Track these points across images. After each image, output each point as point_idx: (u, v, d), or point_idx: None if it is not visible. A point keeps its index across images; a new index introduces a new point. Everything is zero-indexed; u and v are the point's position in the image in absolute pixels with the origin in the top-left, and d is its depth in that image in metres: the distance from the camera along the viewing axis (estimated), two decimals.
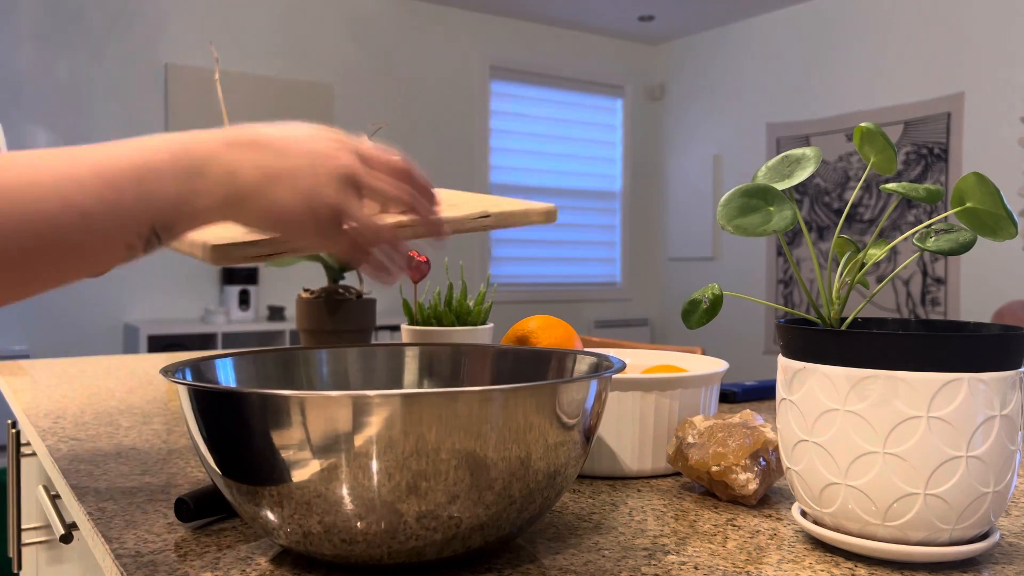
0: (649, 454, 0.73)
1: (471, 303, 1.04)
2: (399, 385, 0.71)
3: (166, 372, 0.55)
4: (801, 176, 0.57)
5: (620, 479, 0.73)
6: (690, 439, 0.68)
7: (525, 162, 5.23)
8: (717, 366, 0.81)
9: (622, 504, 0.65)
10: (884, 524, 0.51)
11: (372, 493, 0.46)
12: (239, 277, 4.04)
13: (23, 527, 1.16)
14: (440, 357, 0.72)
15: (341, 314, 1.14)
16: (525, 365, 0.69)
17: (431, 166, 4.82)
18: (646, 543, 0.56)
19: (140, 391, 1.19)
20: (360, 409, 0.45)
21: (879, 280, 4.49)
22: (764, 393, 1.15)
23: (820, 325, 0.56)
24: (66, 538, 0.78)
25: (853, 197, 0.61)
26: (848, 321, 0.57)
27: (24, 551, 1.30)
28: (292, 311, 4.31)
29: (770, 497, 0.67)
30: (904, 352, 0.49)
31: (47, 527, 1.10)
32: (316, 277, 4.32)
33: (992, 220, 0.52)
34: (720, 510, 0.64)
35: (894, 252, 4.30)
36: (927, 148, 4.24)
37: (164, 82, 4.01)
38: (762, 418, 0.72)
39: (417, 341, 0.94)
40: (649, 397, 0.73)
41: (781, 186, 0.57)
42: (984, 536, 0.53)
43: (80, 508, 0.64)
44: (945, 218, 0.56)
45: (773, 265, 4.98)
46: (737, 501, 0.66)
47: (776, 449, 0.66)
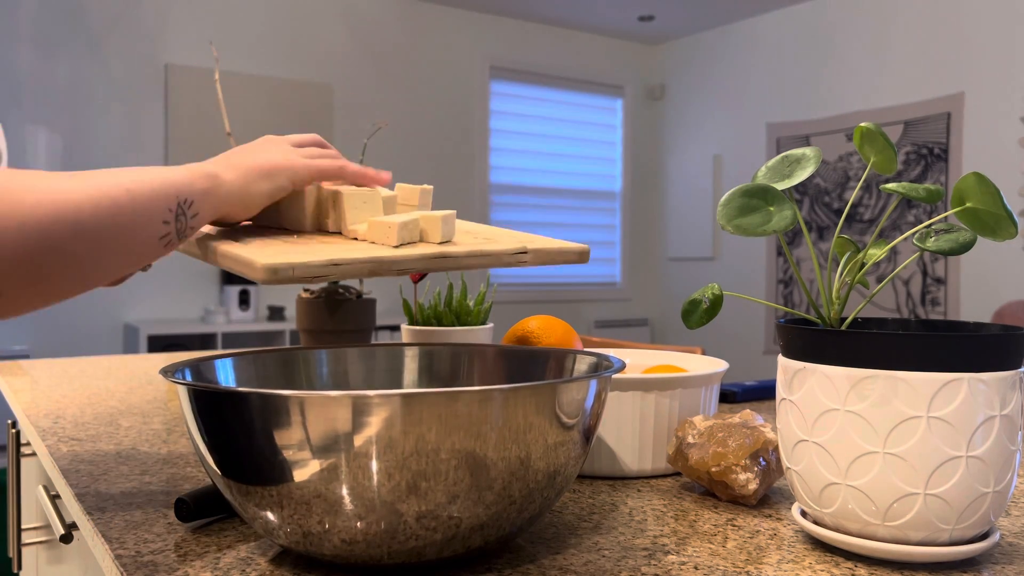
0: (649, 454, 0.73)
1: (471, 303, 1.04)
2: (399, 385, 0.71)
3: (166, 372, 0.55)
4: (801, 176, 0.57)
5: (620, 479, 0.73)
6: (690, 439, 0.68)
7: (525, 162, 5.23)
8: (717, 366, 0.81)
9: (622, 504, 0.65)
10: (884, 524, 0.51)
11: (372, 493, 0.46)
12: (239, 277, 4.03)
13: (23, 527, 1.16)
14: (440, 357, 0.72)
15: (341, 314, 1.14)
16: (525, 365, 0.69)
17: (431, 166, 4.82)
18: (646, 543, 0.56)
19: (140, 391, 1.19)
20: (360, 409, 0.45)
21: (879, 280, 4.49)
22: (764, 393, 1.15)
23: (820, 325, 0.56)
24: (66, 538, 0.78)
25: (853, 197, 0.61)
26: (848, 321, 0.57)
27: (24, 551, 1.30)
28: (292, 311, 4.30)
29: (770, 497, 0.67)
30: (904, 352, 0.49)
31: (47, 527, 1.10)
32: None
33: (992, 220, 0.52)
34: (720, 510, 0.64)
35: (894, 252, 4.30)
36: (927, 148, 4.24)
37: (164, 82, 4.01)
38: (762, 418, 0.72)
39: (417, 341, 0.94)
40: (649, 397, 0.73)
41: (781, 186, 0.57)
42: (984, 536, 0.53)
43: (80, 508, 0.64)
44: (945, 218, 0.56)
45: (773, 265, 4.98)
46: (737, 501, 0.66)
47: (776, 449, 0.66)
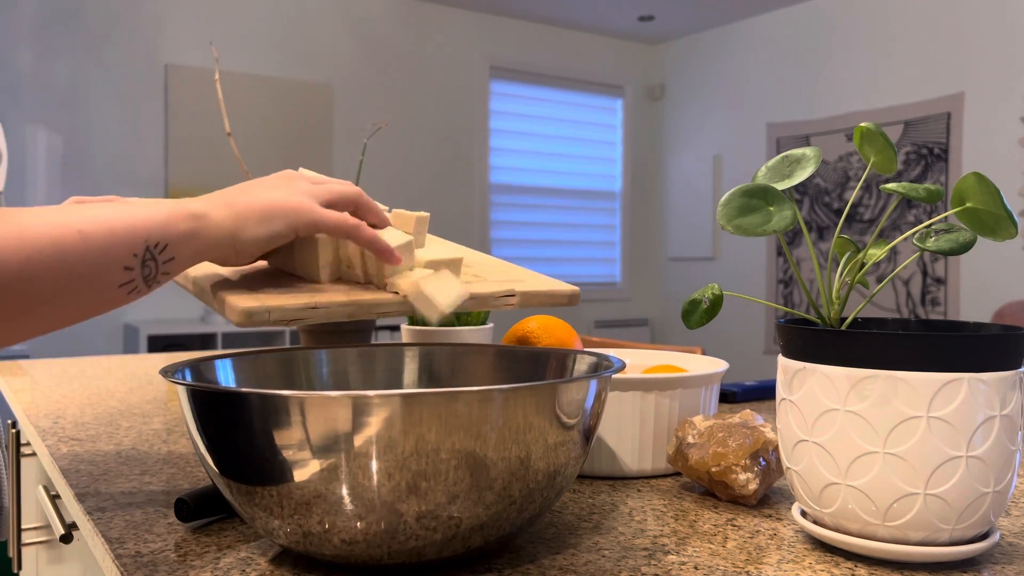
0: (649, 454, 0.73)
1: None
2: (399, 385, 0.71)
3: (166, 373, 0.55)
4: (801, 176, 0.57)
5: (620, 479, 0.73)
6: (690, 439, 0.68)
7: (525, 162, 5.23)
8: (717, 366, 0.81)
9: (622, 504, 0.65)
10: (884, 524, 0.51)
11: (372, 493, 0.46)
12: None
13: (23, 527, 1.16)
14: (440, 357, 0.72)
15: None
16: (525, 365, 0.69)
17: (431, 166, 4.82)
18: (646, 543, 0.56)
19: (140, 391, 1.19)
20: (360, 409, 0.45)
21: (879, 280, 4.49)
22: (764, 393, 1.15)
23: (820, 325, 0.56)
24: (66, 538, 0.78)
25: (853, 197, 0.61)
26: (848, 321, 0.57)
27: (24, 551, 1.30)
28: None
29: (770, 497, 0.67)
30: (904, 352, 0.49)
31: (47, 527, 1.10)
32: None
33: (992, 220, 0.52)
34: (720, 510, 0.64)
35: (894, 252, 4.30)
36: (927, 148, 4.24)
37: (164, 82, 4.01)
38: (762, 418, 0.72)
39: (417, 341, 0.94)
40: (649, 397, 0.73)
41: (781, 186, 0.57)
42: (984, 536, 0.53)
43: (80, 508, 0.64)
44: (945, 218, 0.56)
45: (773, 265, 4.98)
46: (737, 501, 0.66)
47: (776, 449, 0.66)
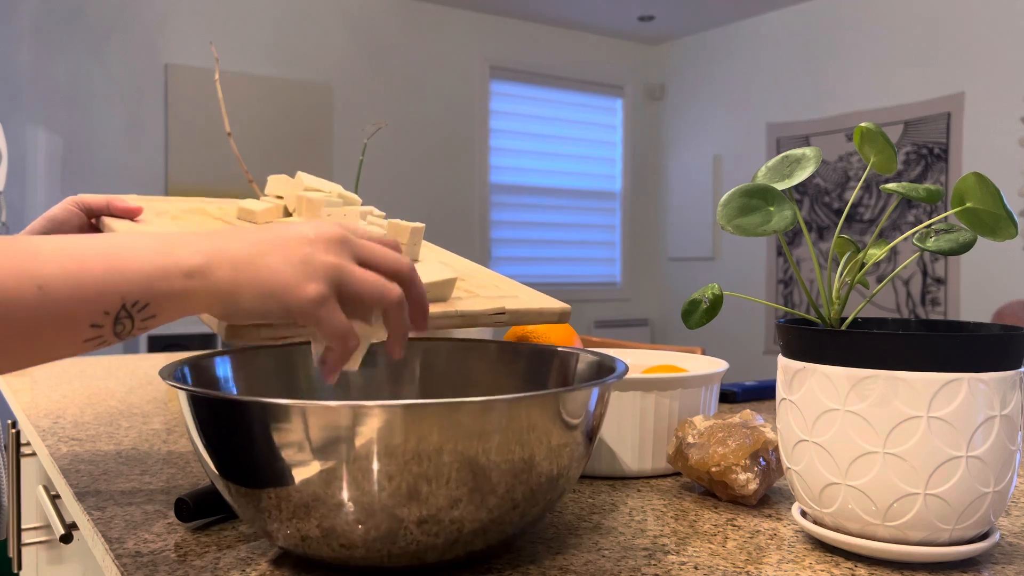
0: (649, 454, 0.73)
1: None
2: (399, 383, 0.71)
3: (165, 374, 0.54)
4: (801, 176, 0.57)
5: (620, 479, 0.73)
6: (690, 439, 0.68)
7: (525, 162, 5.22)
8: (717, 366, 0.81)
9: (622, 504, 0.65)
10: (884, 524, 0.51)
11: (372, 499, 0.46)
12: None
13: (23, 527, 1.16)
14: (441, 353, 0.72)
15: None
16: (527, 363, 0.68)
17: (431, 166, 4.82)
18: (646, 543, 0.56)
19: (140, 391, 1.19)
20: (361, 420, 0.44)
21: (879, 280, 4.49)
22: (764, 393, 1.15)
23: (820, 325, 0.56)
24: (66, 538, 0.78)
25: (853, 197, 0.61)
26: (848, 321, 0.57)
27: (24, 551, 1.30)
28: None
29: (770, 497, 0.67)
30: (904, 352, 0.49)
31: (47, 527, 1.10)
32: None
33: (992, 220, 0.52)
34: (720, 510, 0.64)
35: (894, 252, 4.30)
36: (927, 148, 4.24)
37: (164, 82, 4.01)
38: (762, 418, 0.72)
39: (417, 340, 0.94)
40: (649, 397, 0.73)
41: (781, 186, 0.57)
42: (984, 536, 0.53)
43: (80, 508, 0.64)
44: (945, 218, 0.56)
45: (773, 265, 4.97)
46: (737, 501, 0.66)
47: (776, 449, 0.66)
